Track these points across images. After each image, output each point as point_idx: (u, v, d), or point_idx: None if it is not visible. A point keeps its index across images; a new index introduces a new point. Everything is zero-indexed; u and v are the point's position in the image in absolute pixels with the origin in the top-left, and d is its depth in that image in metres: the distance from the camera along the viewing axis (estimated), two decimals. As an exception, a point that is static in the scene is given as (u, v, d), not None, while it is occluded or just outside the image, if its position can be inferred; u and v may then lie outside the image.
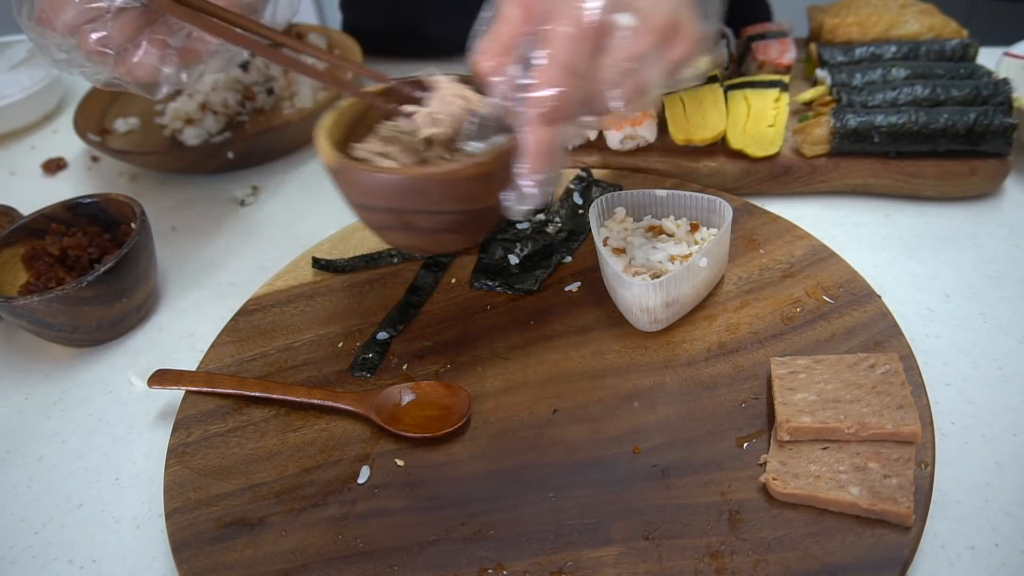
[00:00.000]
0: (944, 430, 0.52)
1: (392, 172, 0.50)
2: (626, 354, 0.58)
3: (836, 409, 0.48)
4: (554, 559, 0.46)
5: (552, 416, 0.55)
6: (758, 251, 0.64)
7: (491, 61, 0.47)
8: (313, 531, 0.50)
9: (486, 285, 0.66)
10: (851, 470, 0.46)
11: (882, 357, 0.51)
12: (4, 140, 1.06)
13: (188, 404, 0.59)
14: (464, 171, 0.48)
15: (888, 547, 0.43)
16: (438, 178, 0.48)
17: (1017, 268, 0.64)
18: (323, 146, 0.52)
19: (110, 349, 0.70)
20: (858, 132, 0.70)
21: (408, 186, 0.49)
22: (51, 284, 0.68)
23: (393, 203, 0.50)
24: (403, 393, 0.57)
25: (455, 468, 0.52)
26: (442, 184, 0.49)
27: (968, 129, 0.68)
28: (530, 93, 0.45)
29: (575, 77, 0.45)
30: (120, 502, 0.57)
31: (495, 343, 0.61)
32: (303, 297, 0.68)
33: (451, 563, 0.47)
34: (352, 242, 0.72)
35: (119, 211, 0.73)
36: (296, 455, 0.55)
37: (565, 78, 0.44)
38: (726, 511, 0.47)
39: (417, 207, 0.50)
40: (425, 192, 0.49)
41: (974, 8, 1.49)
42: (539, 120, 0.45)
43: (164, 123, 0.98)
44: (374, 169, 0.50)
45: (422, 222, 0.51)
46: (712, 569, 0.44)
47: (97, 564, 0.53)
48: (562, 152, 0.47)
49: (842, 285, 0.59)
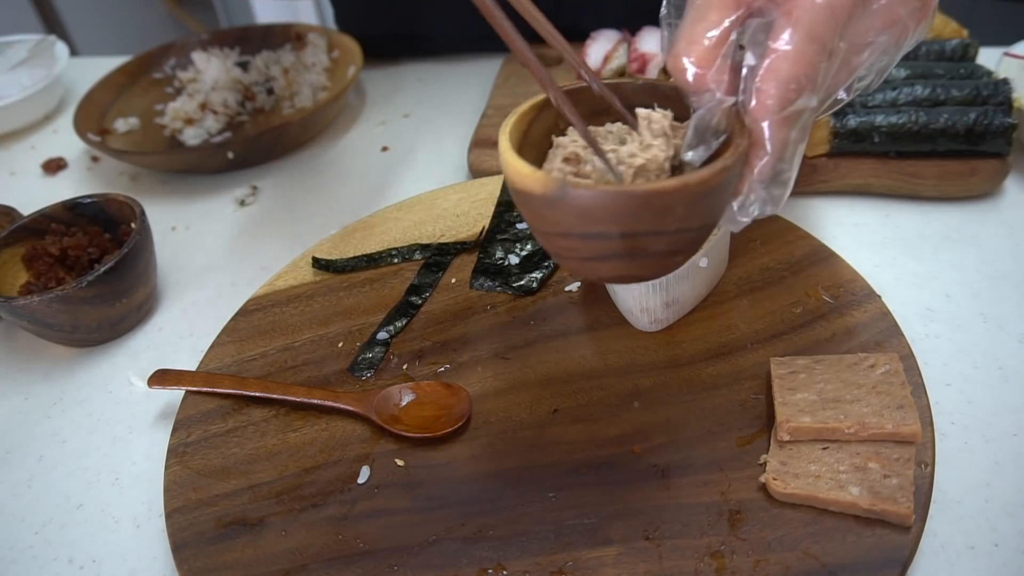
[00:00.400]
0: (944, 430, 0.52)
1: (642, 190, 0.41)
2: (626, 354, 0.58)
3: (836, 409, 0.48)
4: (554, 559, 0.46)
5: (552, 416, 0.55)
6: (758, 251, 0.64)
7: (703, 56, 0.41)
8: (313, 531, 0.50)
9: (486, 285, 0.66)
10: (851, 470, 0.46)
11: (882, 357, 0.51)
12: (4, 140, 1.06)
13: (188, 404, 0.59)
14: (713, 179, 0.40)
15: (888, 547, 0.43)
16: (691, 189, 0.40)
17: (1017, 268, 0.64)
18: (523, 170, 0.42)
19: (110, 349, 0.70)
20: (858, 132, 0.70)
21: (659, 203, 0.40)
22: (51, 284, 0.68)
23: (630, 226, 0.41)
24: (403, 393, 0.57)
25: (455, 468, 0.52)
26: (694, 196, 0.41)
27: (968, 129, 0.68)
28: (766, 82, 0.39)
29: (823, 56, 0.39)
30: (120, 502, 0.57)
31: (495, 343, 0.61)
32: (303, 297, 0.68)
33: (451, 563, 0.47)
34: (352, 242, 0.72)
35: (119, 211, 0.73)
36: (296, 455, 0.55)
37: (814, 57, 0.38)
38: (726, 511, 0.47)
39: (658, 227, 0.42)
40: (673, 208, 0.41)
41: (974, 8, 1.49)
42: (779, 112, 0.39)
43: (164, 123, 0.98)
44: (617, 188, 0.41)
45: (657, 245, 0.43)
46: (712, 569, 0.44)
47: (97, 564, 0.53)
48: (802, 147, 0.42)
49: (842, 285, 0.59)
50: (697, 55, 0.41)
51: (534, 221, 0.44)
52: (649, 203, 0.40)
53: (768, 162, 0.41)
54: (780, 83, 0.39)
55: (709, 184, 0.40)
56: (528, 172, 0.41)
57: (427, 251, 0.70)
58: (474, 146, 0.83)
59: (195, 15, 2.55)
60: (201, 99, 0.98)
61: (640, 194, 0.40)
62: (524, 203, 0.43)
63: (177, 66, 1.07)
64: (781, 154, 0.41)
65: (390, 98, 1.02)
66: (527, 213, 0.44)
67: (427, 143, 0.92)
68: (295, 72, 1.01)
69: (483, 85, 0.99)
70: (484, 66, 1.03)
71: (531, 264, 0.67)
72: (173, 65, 1.07)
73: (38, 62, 1.10)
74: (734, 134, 0.42)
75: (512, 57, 0.97)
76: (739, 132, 0.42)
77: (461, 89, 1.01)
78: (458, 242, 0.70)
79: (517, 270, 0.66)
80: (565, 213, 0.41)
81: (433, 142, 0.92)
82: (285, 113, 0.98)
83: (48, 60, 1.11)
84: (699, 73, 0.41)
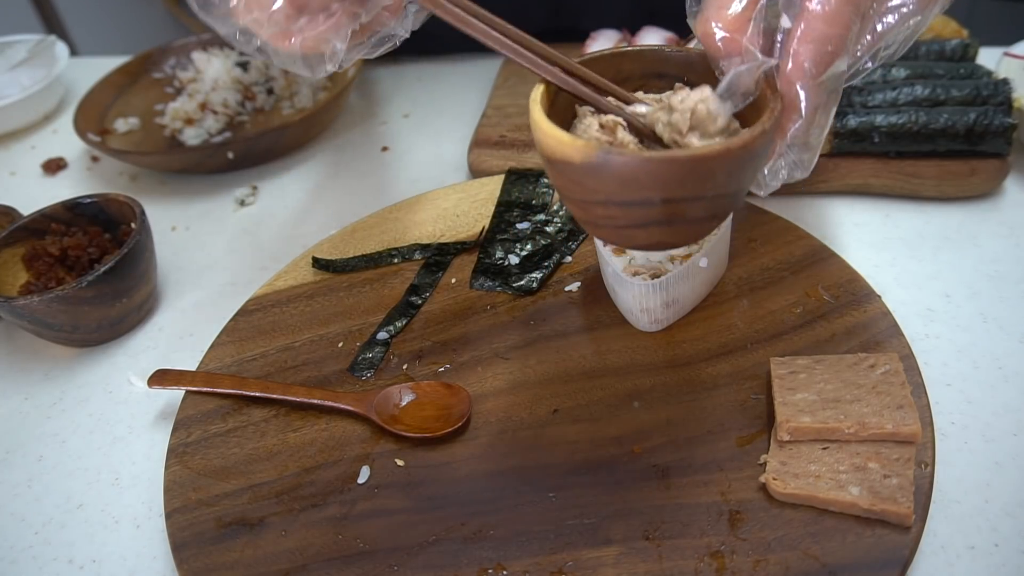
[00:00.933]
0: (944, 430, 0.52)
1: (686, 155, 0.41)
2: (626, 354, 0.58)
3: (836, 409, 0.48)
4: (554, 559, 0.46)
5: (552, 416, 0.55)
6: (758, 251, 0.64)
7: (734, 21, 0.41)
8: (313, 531, 0.50)
9: (486, 285, 0.66)
10: (851, 470, 0.46)
11: (882, 357, 0.51)
12: (4, 140, 1.06)
13: (188, 404, 0.59)
14: (754, 143, 0.40)
15: (888, 547, 0.43)
16: (734, 154, 0.40)
17: (1017, 268, 0.64)
18: (563, 138, 0.42)
19: (110, 349, 0.70)
20: (858, 132, 0.70)
21: (702, 168, 0.40)
22: (51, 284, 0.68)
23: (672, 192, 0.41)
24: (403, 393, 0.57)
25: (455, 468, 0.52)
26: (736, 161, 0.41)
27: (968, 129, 0.68)
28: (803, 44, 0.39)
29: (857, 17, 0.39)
30: (120, 502, 0.57)
31: (495, 343, 0.61)
32: (303, 297, 0.68)
33: (451, 563, 0.47)
34: (352, 242, 0.72)
35: (119, 211, 0.73)
36: (296, 455, 0.55)
37: (849, 18, 0.39)
38: (726, 511, 0.47)
39: (698, 192, 0.42)
40: (715, 173, 0.41)
41: (974, 8, 1.49)
42: (815, 74, 0.39)
43: (164, 123, 0.98)
44: (662, 154, 0.41)
45: (695, 211, 0.43)
46: (712, 569, 0.44)
47: (97, 564, 0.53)
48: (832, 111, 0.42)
49: (842, 285, 0.59)
50: (728, 20, 0.41)
51: (570, 190, 0.44)
52: (693, 168, 0.40)
53: (802, 126, 0.41)
54: (816, 44, 0.39)
55: (751, 148, 0.40)
56: (568, 140, 0.41)
57: (427, 251, 0.70)
58: (474, 146, 0.83)
59: (195, 15, 2.54)
60: (201, 99, 0.98)
61: (684, 159, 0.40)
62: (561, 172, 0.43)
63: (177, 66, 1.07)
64: (813, 118, 0.41)
65: (390, 98, 1.02)
66: (563, 182, 0.44)
67: (427, 143, 0.92)
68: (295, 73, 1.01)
69: (483, 85, 0.99)
70: (484, 66, 1.03)
71: (531, 264, 0.67)
72: (173, 65, 1.07)
73: (38, 62, 1.10)
74: (764, 98, 0.42)
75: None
76: (771, 96, 0.42)
77: (461, 89, 1.01)
78: (458, 242, 0.70)
79: (517, 270, 0.66)
80: (606, 181, 0.41)
81: (433, 142, 0.92)
82: (285, 113, 0.98)
83: (48, 60, 1.11)
84: (729, 38, 0.41)
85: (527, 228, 0.70)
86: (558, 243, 0.68)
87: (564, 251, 0.67)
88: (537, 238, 0.69)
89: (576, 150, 0.41)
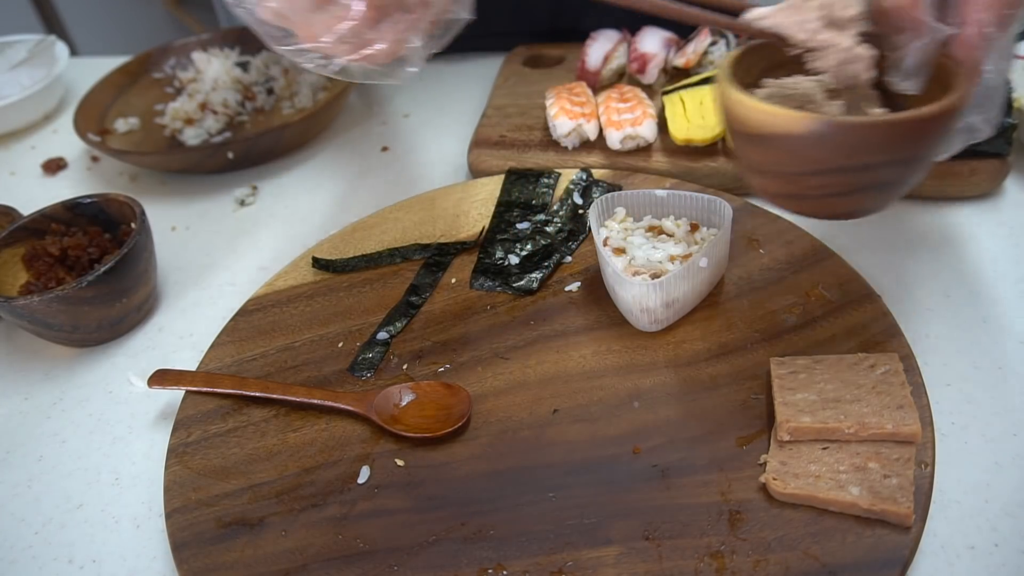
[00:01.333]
0: (944, 430, 0.52)
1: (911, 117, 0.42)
2: (626, 354, 0.58)
3: (836, 409, 0.48)
4: (554, 559, 0.46)
5: (552, 416, 0.55)
6: (758, 251, 0.64)
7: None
8: (313, 531, 0.50)
9: (486, 285, 0.66)
10: (851, 470, 0.46)
11: (882, 357, 0.51)
12: (4, 140, 1.06)
13: (188, 404, 0.59)
14: (962, 104, 0.43)
15: (888, 547, 0.43)
16: (949, 115, 0.43)
17: (1017, 268, 0.64)
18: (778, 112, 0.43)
19: (110, 349, 0.70)
20: (858, 132, 0.70)
21: (922, 130, 0.43)
22: (51, 284, 0.68)
23: (891, 155, 0.44)
24: (403, 393, 0.57)
25: (455, 468, 0.52)
26: (948, 122, 0.43)
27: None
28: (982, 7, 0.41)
29: None
30: (120, 502, 0.57)
31: (495, 343, 0.61)
32: (303, 297, 0.68)
33: (451, 563, 0.47)
34: (352, 242, 0.72)
35: (119, 211, 0.73)
36: (296, 455, 0.55)
37: None
38: (726, 511, 0.47)
39: (909, 156, 0.44)
40: (930, 136, 0.44)
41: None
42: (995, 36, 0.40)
43: (164, 123, 0.98)
44: (890, 118, 0.43)
45: (899, 176, 0.46)
46: (712, 569, 0.44)
47: (97, 564, 0.53)
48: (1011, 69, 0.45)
49: (842, 285, 0.59)
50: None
51: (782, 163, 0.46)
52: (918, 129, 0.42)
53: (979, 90, 0.43)
54: (995, 7, 0.40)
55: (959, 109, 0.42)
56: (784, 113, 0.43)
57: (427, 251, 0.70)
58: (474, 146, 0.83)
59: (195, 15, 2.55)
60: (201, 99, 0.98)
61: (910, 121, 0.42)
62: (773, 146, 0.45)
63: (177, 66, 1.07)
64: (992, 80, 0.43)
65: (390, 98, 1.02)
66: (773, 156, 0.46)
67: (427, 143, 0.92)
68: (295, 72, 1.01)
69: (483, 85, 0.99)
70: (484, 66, 1.03)
71: (531, 264, 0.67)
72: (173, 65, 1.07)
73: (38, 62, 1.10)
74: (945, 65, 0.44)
75: (512, 57, 0.97)
76: (953, 63, 0.44)
77: (461, 89, 1.01)
78: (458, 242, 0.70)
79: (517, 270, 0.66)
80: (830, 149, 0.43)
81: (433, 142, 0.92)
82: (285, 113, 0.98)
83: (48, 60, 1.11)
84: (902, 6, 0.42)
85: (527, 228, 0.70)
86: (558, 243, 0.68)
87: (564, 251, 0.67)
88: (537, 238, 0.69)
89: (795, 121, 0.43)
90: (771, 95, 0.49)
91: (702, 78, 0.78)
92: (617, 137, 0.76)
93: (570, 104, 0.79)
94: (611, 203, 0.65)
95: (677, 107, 0.76)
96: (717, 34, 0.84)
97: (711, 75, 0.78)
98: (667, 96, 0.77)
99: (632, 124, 0.75)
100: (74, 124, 0.93)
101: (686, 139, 0.73)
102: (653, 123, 0.76)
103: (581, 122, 0.77)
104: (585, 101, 0.79)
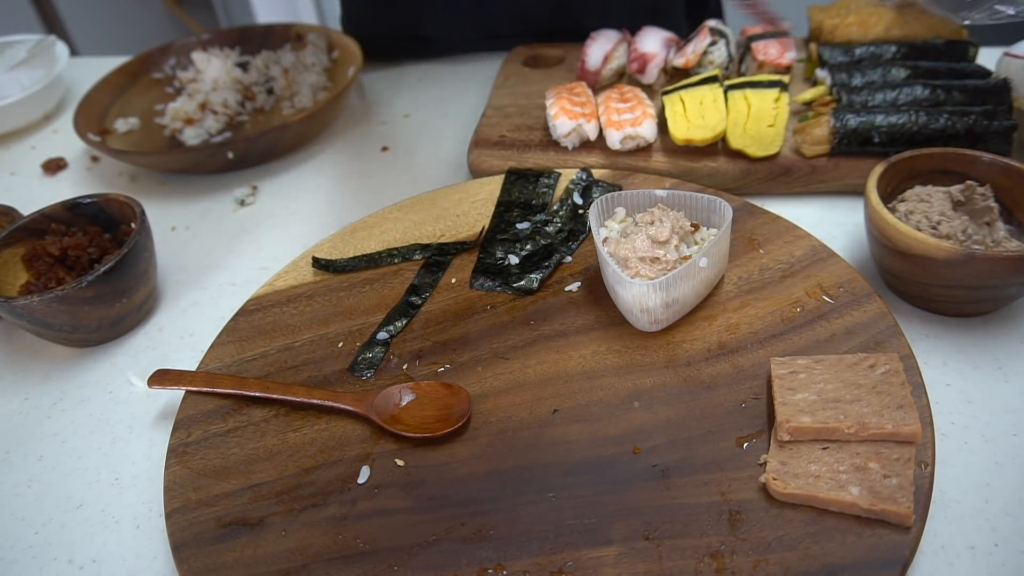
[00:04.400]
0: (944, 430, 0.52)
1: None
2: (626, 354, 0.58)
3: (836, 409, 0.48)
4: (554, 559, 0.46)
5: (552, 416, 0.55)
6: (758, 251, 0.64)
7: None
8: (313, 531, 0.50)
9: (486, 285, 0.66)
10: (851, 470, 0.46)
11: (882, 357, 0.51)
12: (4, 140, 1.06)
13: (188, 404, 0.59)
14: None
15: (888, 547, 0.43)
16: None
17: (1017, 268, 0.64)
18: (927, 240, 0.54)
19: (110, 349, 0.70)
20: (858, 132, 0.70)
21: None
22: (51, 284, 0.68)
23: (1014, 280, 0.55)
24: (403, 393, 0.57)
25: (455, 468, 0.52)
26: None
27: (968, 129, 0.68)
28: None
29: None
30: (120, 502, 0.57)
31: (495, 343, 0.61)
32: (303, 297, 0.68)
33: (451, 563, 0.47)
34: (352, 242, 0.72)
35: (119, 211, 0.73)
36: (296, 455, 0.55)
37: None
38: (726, 511, 0.47)
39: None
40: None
41: (975, 8, 1.49)
42: None
43: (164, 123, 0.98)
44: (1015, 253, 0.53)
45: (1016, 292, 0.57)
46: (712, 569, 0.44)
47: (97, 564, 0.53)
48: None
49: (842, 285, 0.59)
50: None
51: (920, 276, 0.57)
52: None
53: None
54: None
55: None
56: (934, 243, 0.54)
57: (427, 251, 0.70)
58: (474, 146, 0.83)
59: (195, 15, 2.55)
60: (201, 99, 0.98)
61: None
62: (916, 264, 0.56)
63: (177, 66, 1.07)
64: None
65: (390, 98, 1.02)
66: (913, 270, 0.57)
67: (427, 143, 0.92)
68: (295, 72, 1.01)
69: (483, 85, 0.99)
70: (484, 66, 1.03)
71: (531, 264, 0.67)
72: (173, 65, 1.07)
73: (38, 62, 1.10)
74: None
75: (512, 57, 0.97)
76: None
77: (461, 89, 1.01)
78: (458, 242, 0.70)
79: (517, 270, 0.66)
80: (964, 273, 0.54)
81: (433, 142, 0.92)
82: (285, 113, 0.98)
83: (48, 60, 1.11)
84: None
85: (527, 228, 0.70)
86: (558, 243, 0.68)
87: (564, 251, 0.67)
88: (537, 238, 0.69)
89: (940, 250, 0.54)
90: (909, 211, 0.58)
91: (702, 78, 0.78)
92: (617, 137, 0.76)
93: (570, 104, 0.79)
94: (611, 203, 0.65)
95: (677, 107, 0.76)
96: (717, 34, 0.84)
97: (711, 75, 0.78)
98: (667, 96, 0.77)
99: (632, 124, 0.75)
100: (74, 124, 0.93)
101: (686, 139, 0.73)
102: (653, 123, 0.76)
103: (581, 122, 0.77)
104: (585, 101, 0.79)
